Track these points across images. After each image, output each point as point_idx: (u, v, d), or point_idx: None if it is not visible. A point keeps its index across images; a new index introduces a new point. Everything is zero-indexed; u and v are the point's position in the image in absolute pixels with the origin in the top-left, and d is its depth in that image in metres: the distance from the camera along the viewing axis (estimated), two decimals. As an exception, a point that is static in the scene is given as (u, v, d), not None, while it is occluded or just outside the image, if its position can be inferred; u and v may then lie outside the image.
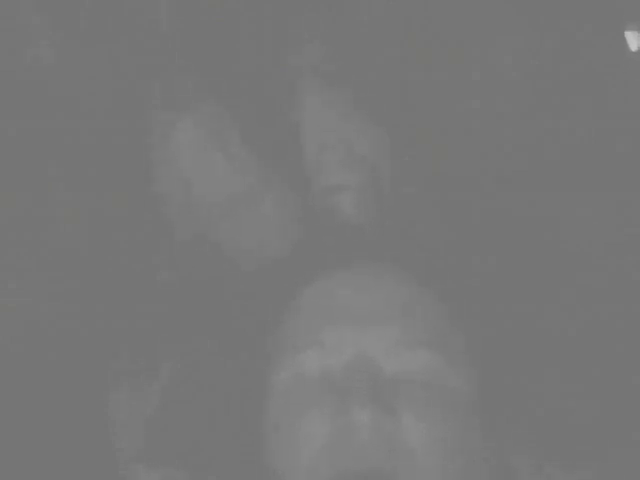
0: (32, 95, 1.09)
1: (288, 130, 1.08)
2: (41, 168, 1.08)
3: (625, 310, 1.01)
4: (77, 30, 1.11)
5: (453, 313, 0.91)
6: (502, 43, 1.10)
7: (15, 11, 1.11)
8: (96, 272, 1.06)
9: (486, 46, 1.09)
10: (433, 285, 0.92)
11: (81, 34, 1.11)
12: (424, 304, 0.91)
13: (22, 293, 1.04)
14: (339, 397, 0.84)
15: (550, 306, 1.01)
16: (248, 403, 0.92)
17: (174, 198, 1.09)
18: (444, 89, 1.08)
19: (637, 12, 1.12)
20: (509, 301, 1.00)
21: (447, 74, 1.07)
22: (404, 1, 1.09)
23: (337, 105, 1.08)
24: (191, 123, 1.08)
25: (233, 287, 1.06)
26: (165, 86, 1.09)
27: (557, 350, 0.99)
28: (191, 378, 1.02)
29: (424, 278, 0.92)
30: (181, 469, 0.97)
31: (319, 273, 0.93)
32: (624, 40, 1.11)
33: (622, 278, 1.03)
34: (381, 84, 1.08)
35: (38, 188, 1.08)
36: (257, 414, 0.90)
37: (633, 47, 1.11)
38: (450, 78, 1.07)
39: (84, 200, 1.09)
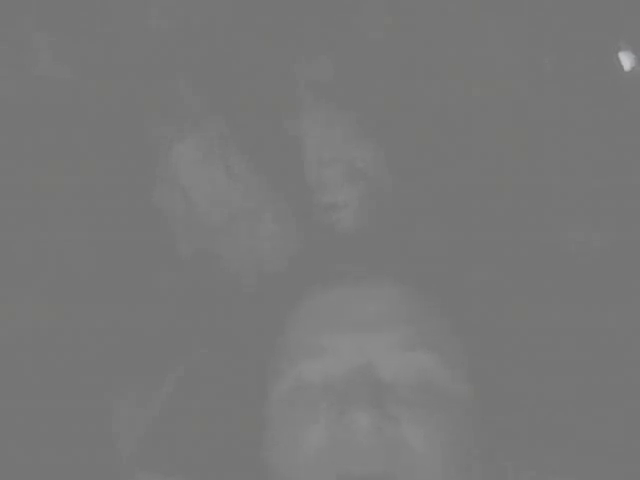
0: (35, 111, 1.09)
1: (289, 145, 1.09)
2: (42, 184, 1.08)
3: (625, 314, 1.02)
4: (78, 46, 1.12)
5: (451, 321, 0.92)
6: (501, 62, 1.11)
7: (17, 28, 1.12)
8: (99, 286, 1.07)
9: (485, 64, 1.11)
10: (431, 293, 0.93)
11: (83, 50, 1.11)
12: (422, 311, 0.91)
13: (22, 292, 1.04)
14: (339, 402, 0.84)
15: (549, 311, 1.02)
16: (249, 411, 0.92)
17: (175, 214, 1.09)
18: (444, 104, 1.09)
19: (631, 33, 1.13)
20: (507, 308, 1.00)
21: (448, 90, 1.09)
22: (406, 17, 1.10)
23: (338, 121, 1.09)
24: (192, 139, 1.08)
25: (234, 301, 1.06)
26: (167, 102, 1.09)
27: (556, 354, 1.00)
28: (193, 387, 1.02)
29: (423, 287, 0.93)
30: (182, 476, 0.96)
31: (319, 286, 0.94)
32: (618, 60, 1.12)
33: (623, 282, 1.04)
34: (382, 100, 1.09)
35: (39, 205, 1.08)
36: (259, 422, 0.91)
37: (626, 67, 1.12)
38: (451, 93, 1.08)
39: (86, 216, 1.09)
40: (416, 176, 1.08)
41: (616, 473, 0.95)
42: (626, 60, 1.12)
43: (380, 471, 0.82)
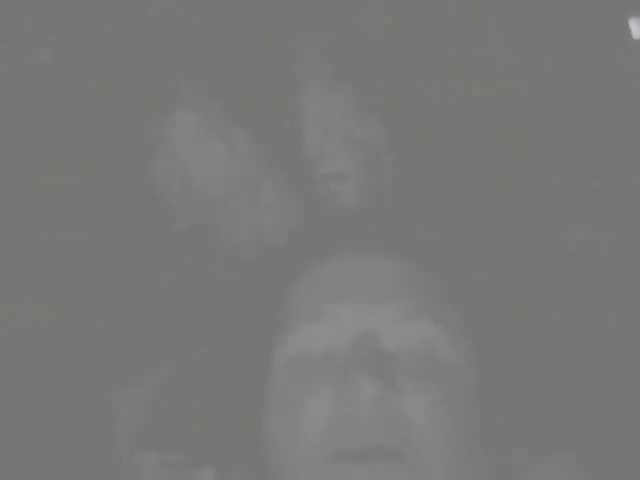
0: (35, 110, 1.09)
1: (289, 118, 1.08)
2: (42, 184, 1.08)
3: (625, 314, 1.02)
4: (78, 46, 1.12)
5: (453, 294, 0.92)
6: (501, 62, 1.11)
7: (17, 28, 1.12)
8: (99, 286, 1.07)
9: (485, 64, 1.11)
10: (433, 266, 0.93)
11: (83, 50, 1.11)
12: (424, 284, 0.91)
13: (22, 292, 1.05)
14: (342, 372, 0.84)
15: (549, 311, 1.02)
16: (250, 411, 0.92)
17: (173, 187, 1.08)
18: (444, 104, 1.09)
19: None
20: (507, 308, 1.00)
21: (448, 90, 1.09)
22: (406, 17, 1.10)
23: (339, 93, 1.08)
24: (190, 111, 1.08)
25: (233, 275, 1.05)
26: (167, 102, 1.09)
27: (556, 354, 1.00)
28: (193, 387, 1.02)
29: (424, 260, 0.93)
30: (181, 453, 0.96)
31: (319, 257, 0.93)
32: (627, 27, 1.11)
33: (623, 282, 1.04)
34: (382, 100, 1.09)
35: (39, 205, 1.08)
36: (258, 398, 0.90)
37: (636, 34, 1.11)
38: (451, 93, 1.09)
39: (86, 216, 1.09)
40: (416, 176, 1.08)
41: (616, 473, 0.95)
42: (636, 28, 1.10)
43: (381, 444, 0.82)
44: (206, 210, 1.07)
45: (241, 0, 1.11)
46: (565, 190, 1.08)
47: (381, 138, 1.07)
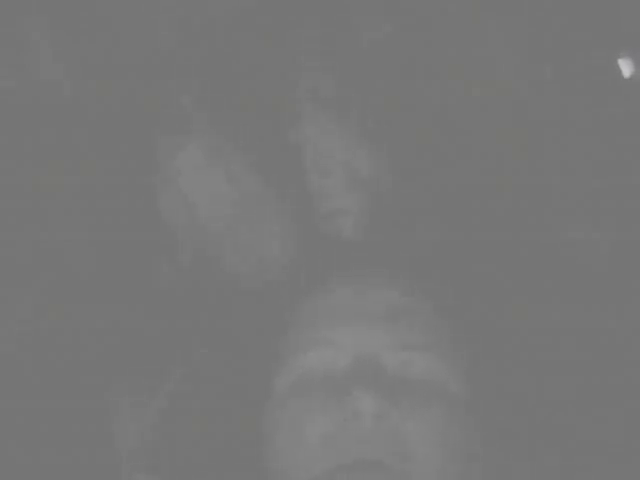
0: (35, 111, 1.10)
1: (290, 152, 1.09)
2: (42, 184, 1.08)
3: (625, 314, 1.02)
4: (79, 47, 1.12)
5: (451, 321, 0.93)
6: (501, 62, 1.11)
7: (18, 28, 1.12)
8: (99, 286, 1.07)
9: (485, 64, 1.11)
10: (431, 293, 0.94)
11: (83, 51, 1.12)
12: (422, 310, 0.92)
13: (22, 292, 1.05)
14: (341, 394, 0.84)
15: (549, 311, 1.02)
16: (250, 411, 0.93)
17: (177, 218, 1.09)
18: (444, 104, 1.09)
19: (630, 39, 1.13)
20: (507, 308, 1.01)
21: (448, 90, 1.09)
22: (406, 17, 1.10)
23: (338, 121, 1.09)
24: (194, 145, 1.08)
25: (234, 304, 1.06)
26: (168, 107, 1.10)
27: (556, 354, 1.00)
28: (193, 387, 1.02)
29: (423, 287, 0.94)
30: (182, 477, 0.97)
31: (320, 287, 0.95)
32: (617, 67, 1.12)
33: (623, 282, 1.04)
34: (382, 100, 1.09)
35: (39, 205, 1.08)
36: (259, 422, 0.91)
37: (626, 74, 1.12)
38: (451, 93, 1.09)
39: (86, 216, 1.09)
40: (416, 176, 1.09)
41: (616, 473, 0.95)
42: (625, 67, 1.12)
43: (380, 459, 0.83)
44: (209, 241, 1.08)
45: (241, 0, 1.11)
46: (565, 190, 1.08)
47: (381, 166, 1.08)
